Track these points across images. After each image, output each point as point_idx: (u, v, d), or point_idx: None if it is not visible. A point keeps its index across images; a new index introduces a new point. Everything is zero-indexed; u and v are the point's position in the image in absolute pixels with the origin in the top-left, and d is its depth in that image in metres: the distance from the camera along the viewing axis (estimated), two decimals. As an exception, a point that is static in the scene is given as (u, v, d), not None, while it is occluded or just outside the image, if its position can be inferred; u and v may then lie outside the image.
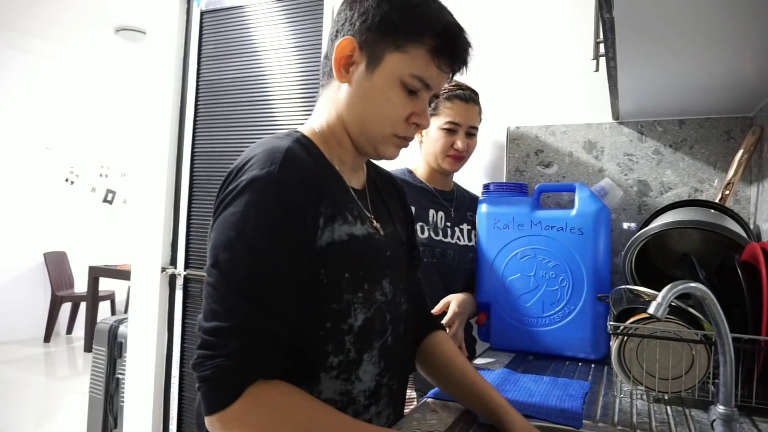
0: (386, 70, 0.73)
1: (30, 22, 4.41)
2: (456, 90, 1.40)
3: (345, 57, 0.74)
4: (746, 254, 1.03)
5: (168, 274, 2.26)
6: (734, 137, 1.46)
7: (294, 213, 0.64)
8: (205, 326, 0.61)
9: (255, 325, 0.60)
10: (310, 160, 0.71)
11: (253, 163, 0.66)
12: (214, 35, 2.27)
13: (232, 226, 0.62)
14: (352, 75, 0.74)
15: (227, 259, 0.61)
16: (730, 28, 0.88)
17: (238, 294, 0.60)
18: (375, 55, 0.73)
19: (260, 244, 0.62)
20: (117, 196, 5.84)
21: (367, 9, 0.73)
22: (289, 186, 0.64)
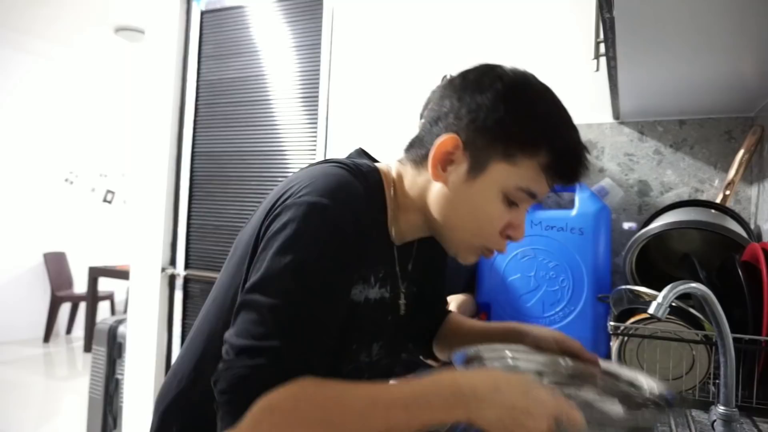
0: (490, 179, 0.64)
1: (30, 22, 4.41)
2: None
3: (445, 154, 0.66)
4: (747, 254, 1.03)
5: (168, 274, 2.26)
6: (735, 137, 1.46)
7: (344, 257, 0.59)
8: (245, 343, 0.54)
9: (297, 352, 0.54)
10: (369, 209, 0.65)
11: (315, 189, 0.60)
12: (214, 35, 2.27)
13: (288, 250, 0.56)
14: (449, 175, 0.66)
15: (287, 286, 0.55)
16: (730, 28, 0.88)
17: (289, 322, 0.54)
18: (479, 160, 0.64)
19: (318, 277, 0.57)
20: (117, 196, 5.84)
21: (479, 106, 0.64)
22: (347, 231, 0.59)
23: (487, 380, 0.53)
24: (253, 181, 2.16)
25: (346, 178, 0.63)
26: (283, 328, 0.53)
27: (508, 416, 0.51)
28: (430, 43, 1.86)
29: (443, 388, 0.53)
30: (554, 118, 0.66)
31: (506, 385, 0.52)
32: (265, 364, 0.51)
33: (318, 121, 2.04)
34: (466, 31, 1.81)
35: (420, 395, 0.52)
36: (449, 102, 0.67)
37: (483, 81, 0.66)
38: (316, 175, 0.62)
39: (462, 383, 0.53)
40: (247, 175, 2.18)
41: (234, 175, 2.20)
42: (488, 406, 0.51)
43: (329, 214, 0.58)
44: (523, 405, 0.51)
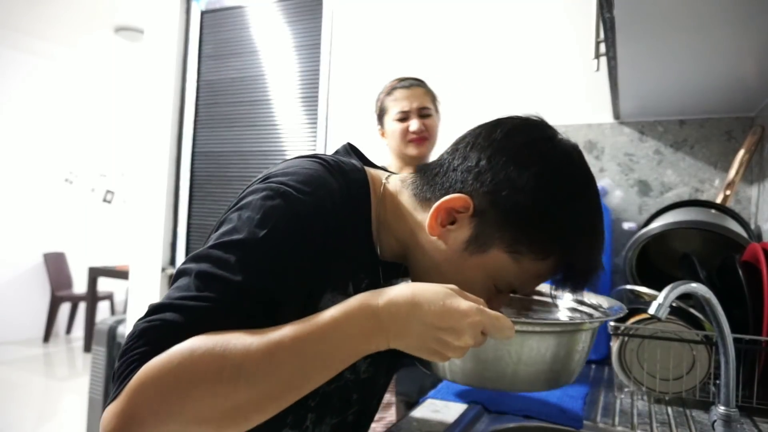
0: (486, 263, 0.58)
1: (30, 22, 4.41)
2: (395, 83, 1.44)
3: (450, 210, 0.58)
4: (747, 254, 1.03)
5: (168, 274, 2.26)
6: (735, 137, 1.46)
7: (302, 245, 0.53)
8: (158, 302, 0.47)
9: (210, 315, 0.47)
10: (345, 209, 0.58)
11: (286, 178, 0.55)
12: (214, 35, 2.27)
13: (240, 228, 0.51)
14: (446, 233, 0.59)
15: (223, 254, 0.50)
16: (730, 28, 0.88)
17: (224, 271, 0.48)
18: (482, 238, 0.57)
19: (267, 247, 0.51)
20: (116, 196, 5.84)
21: (508, 181, 0.56)
22: (309, 221, 0.54)
23: (402, 298, 0.48)
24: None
25: (320, 172, 0.57)
26: (207, 294, 0.47)
27: (429, 337, 0.47)
28: (430, 42, 1.86)
29: (357, 312, 0.47)
30: (580, 229, 0.58)
31: (425, 301, 0.47)
32: (171, 318, 0.45)
33: (318, 121, 2.04)
34: (466, 31, 1.81)
35: (332, 325, 0.46)
36: (477, 157, 0.59)
37: (523, 153, 0.57)
38: (289, 166, 0.58)
39: (376, 306, 0.47)
40: (247, 175, 2.18)
41: (234, 175, 2.20)
42: (407, 328, 0.47)
43: (292, 200, 0.53)
44: (446, 323, 0.46)
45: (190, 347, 0.43)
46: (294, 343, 0.45)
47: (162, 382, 0.42)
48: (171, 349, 0.43)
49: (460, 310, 0.47)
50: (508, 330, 0.48)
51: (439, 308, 0.47)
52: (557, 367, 0.58)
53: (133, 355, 0.43)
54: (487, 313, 0.47)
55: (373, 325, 0.47)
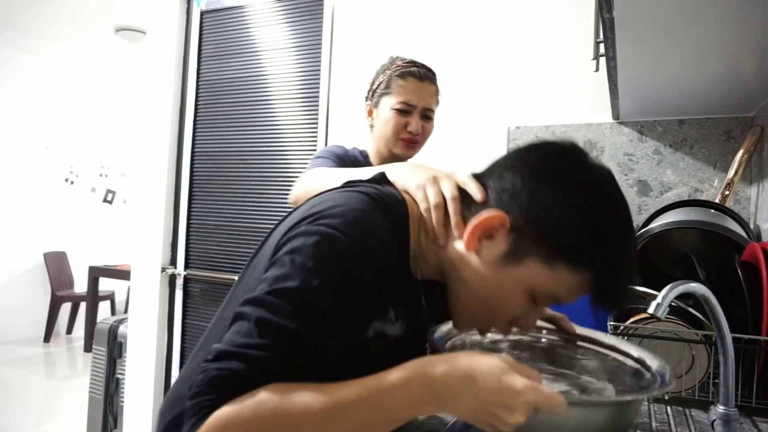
0: (523, 273, 0.60)
1: (30, 22, 4.41)
2: (410, 67, 1.28)
3: (488, 228, 0.61)
4: (746, 254, 1.03)
5: (168, 274, 2.26)
6: (734, 137, 1.46)
7: (354, 294, 0.56)
8: (224, 348, 0.52)
9: (274, 367, 0.51)
10: (391, 246, 0.61)
11: (335, 221, 0.57)
12: (214, 35, 2.27)
13: (294, 275, 0.54)
14: (482, 249, 0.62)
15: (284, 301, 0.53)
16: (730, 28, 0.88)
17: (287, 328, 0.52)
18: (519, 251, 0.60)
19: (323, 299, 0.54)
20: (117, 196, 5.84)
21: (545, 203, 0.59)
22: (359, 268, 0.56)
23: (458, 371, 0.49)
24: (253, 181, 2.16)
25: (369, 211, 0.59)
26: (268, 342, 0.51)
27: (482, 411, 0.49)
28: (430, 42, 1.86)
29: (412, 383, 0.50)
30: (616, 246, 0.60)
31: (480, 376, 0.48)
32: (238, 368, 0.49)
33: (318, 121, 2.04)
34: (466, 31, 1.82)
35: (388, 392, 0.50)
36: (512, 178, 0.61)
37: (559, 175, 0.60)
38: (338, 204, 0.59)
39: (432, 376, 0.49)
40: (247, 175, 2.18)
41: (234, 175, 2.21)
42: (461, 401, 0.49)
43: (342, 248, 0.55)
44: (500, 400, 0.48)
45: (257, 404, 0.48)
46: (351, 407, 0.49)
47: (234, 428, 0.47)
48: (240, 401, 0.48)
49: (514, 389, 0.48)
50: (561, 407, 0.49)
51: (494, 385, 0.48)
52: (614, 429, 0.59)
53: (204, 401, 0.48)
54: (541, 391, 0.48)
55: (428, 394, 0.49)
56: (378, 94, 1.29)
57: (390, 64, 1.30)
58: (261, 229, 2.13)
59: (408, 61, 1.29)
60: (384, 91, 1.28)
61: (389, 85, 1.27)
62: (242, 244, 2.17)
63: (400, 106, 1.25)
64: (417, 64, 1.30)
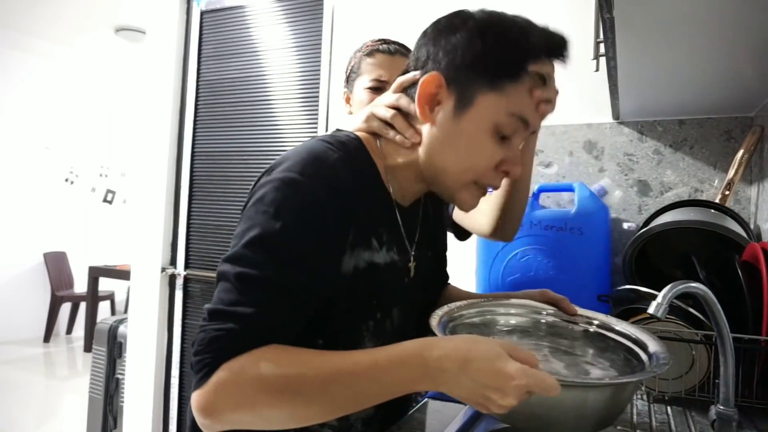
0: (479, 112, 0.64)
1: (31, 22, 4.41)
2: (379, 44, 1.22)
3: (430, 95, 0.65)
4: (746, 254, 1.03)
5: (168, 274, 2.26)
6: (734, 137, 1.46)
7: (321, 228, 0.59)
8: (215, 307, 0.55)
9: (265, 319, 0.55)
10: (350, 175, 0.63)
11: (289, 164, 0.61)
12: (214, 35, 2.27)
13: (260, 223, 0.57)
14: (436, 115, 0.66)
15: (252, 251, 0.56)
16: (730, 28, 0.88)
17: (263, 281, 0.55)
18: (466, 94, 0.64)
19: (289, 244, 0.57)
20: (117, 196, 5.84)
21: (455, 46, 0.64)
22: (320, 202, 0.59)
23: (455, 354, 0.51)
24: (253, 181, 2.16)
25: (320, 148, 0.63)
26: (251, 295, 0.54)
27: (476, 393, 0.51)
28: (430, 43, 1.85)
29: (410, 360, 0.52)
30: (530, 35, 0.66)
31: (475, 359, 0.50)
32: (233, 328, 0.53)
33: (318, 121, 2.04)
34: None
35: (386, 366, 0.53)
36: (425, 50, 0.68)
37: (454, 23, 0.66)
38: (292, 152, 0.64)
39: (428, 357, 0.52)
40: (247, 175, 2.18)
41: (234, 175, 2.20)
42: (456, 383, 0.51)
43: (300, 188, 0.59)
44: (493, 383, 0.49)
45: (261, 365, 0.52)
46: (348, 379, 0.53)
47: (238, 388, 0.52)
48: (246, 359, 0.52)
49: (506, 373, 0.49)
50: (554, 390, 0.50)
51: (487, 368, 0.50)
52: (602, 414, 0.59)
53: (206, 359, 0.53)
54: (534, 375, 0.49)
55: (423, 373, 0.52)
56: (351, 78, 1.25)
57: (360, 47, 1.26)
58: (261, 229, 2.13)
59: (377, 39, 1.25)
60: (356, 73, 1.23)
61: (359, 66, 1.22)
62: (242, 244, 2.16)
63: (371, 83, 1.18)
64: (387, 41, 1.24)
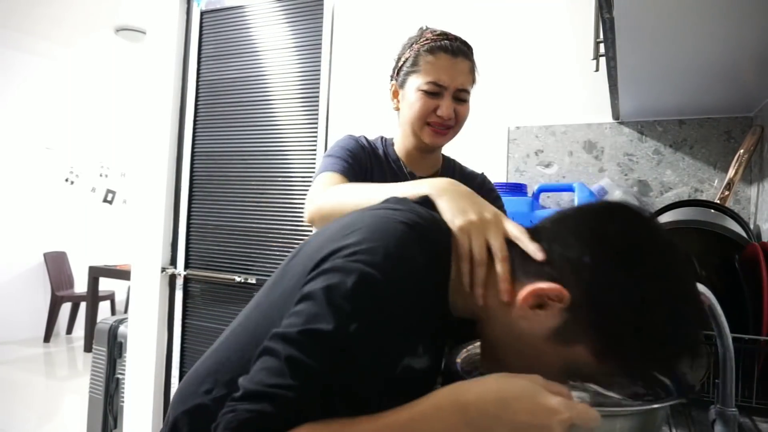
0: (567, 355, 0.58)
1: (31, 22, 4.41)
2: (441, 40, 1.08)
3: (543, 298, 0.56)
4: (746, 254, 1.03)
5: (168, 274, 2.26)
6: (734, 137, 1.46)
7: (390, 341, 0.54)
8: (254, 388, 0.49)
9: (306, 409, 0.49)
10: (430, 285, 0.58)
11: (374, 258, 0.53)
12: (214, 35, 2.27)
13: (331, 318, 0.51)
14: (533, 315, 0.58)
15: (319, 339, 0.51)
16: (729, 28, 0.88)
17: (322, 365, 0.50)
18: (570, 332, 0.56)
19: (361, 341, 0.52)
20: (117, 196, 5.84)
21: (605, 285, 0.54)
22: (397, 315, 0.53)
23: (491, 394, 0.49)
24: (253, 181, 2.16)
25: (408, 247, 0.55)
26: (298, 383, 0.49)
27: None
28: (430, 43, 1.85)
29: (446, 409, 0.49)
30: (682, 351, 0.55)
31: (514, 399, 0.48)
32: (269, 410, 0.47)
33: (318, 121, 2.04)
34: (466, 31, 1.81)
35: (422, 420, 0.49)
36: (580, 249, 0.55)
37: (632, 259, 0.54)
38: (376, 237, 0.56)
39: (465, 402, 0.49)
40: (247, 175, 2.18)
41: (234, 175, 2.21)
42: (496, 425, 0.48)
43: (380, 291, 0.53)
44: (535, 420, 0.47)
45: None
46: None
47: None
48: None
49: (550, 408, 0.47)
50: (596, 421, 0.48)
51: (529, 406, 0.47)
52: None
53: None
54: (575, 407, 0.48)
55: (461, 419, 0.48)
56: (404, 72, 1.10)
57: (418, 37, 1.11)
58: (261, 229, 2.14)
59: (439, 33, 1.09)
60: (411, 68, 1.09)
61: (416, 62, 1.08)
62: (242, 244, 2.17)
63: (428, 87, 1.06)
64: (450, 36, 1.10)
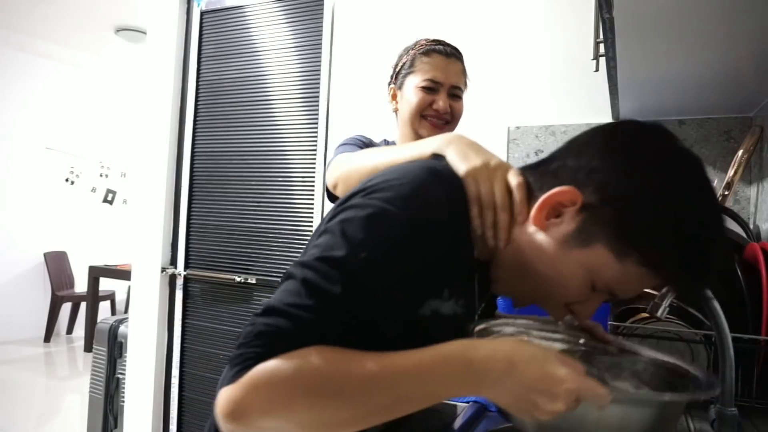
0: (587, 258, 0.57)
1: (31, 23, 4.41)
2: (435, 45, 1.21)
3: (558, 204, 0.57)
4: (746, 254, 1.03)
5: (168, 274, 2.26)
6: (734, 137, 1.46)
7: (404, 275, 0.54)
8: (272, 304, 0.51)
9: (321, 328, 0.50)
10: (449, 222, 0.57)
11: (391, 195, 0.55)
12: (214, 35, 2.27)
13: (344, 246, 0.52)
14: (549, 226, 0.58)
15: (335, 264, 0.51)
16: (729, 28, 0.88)
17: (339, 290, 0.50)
18: (589, 232, 0.56)
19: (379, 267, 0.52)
20: (117, 196, 5.84)
21: (616, 182, 0.55)
22: (412, 249, 0.54)
23: (500, 355, 0.49)
24: (253, 181, 2.16)
25: (428, 186, 0.57)
26: (313, 303, 0.50)
27: (522, 397, 0.48)
28: (430, 43, 1.85)
29: (454, 362, 0.49)
30: (696, 247, 0.54)
31: (522, 362, 0.48)
32: (285, 325, 0.49)
33: (318, 121, 2.04)
34: (466, 31, 1.82)
35: (429, 368, 0.49)
36: (591, 154, 0.57)
37: (641, 155, 0.55)
38: (396, 177, 0.57)
39: (473, 357, 0.49)
40: (247, 175, 2.18)
41: (234, 175, 2.21)
42: (500, 385, 0.49)
43: (394, 225, 0.53)
44: (542, 386, 0.47)
45: (301, 362, 0.47)
46: (391, 378, 0.49)
47: (273, 387, 0.47)
48: (285, 358, 0.47)
49: (557, 376, 0.47)
50: (604, 398, 0.48)
51: (536, 370, 0.48)
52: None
53: (249, 353, 0.48)
54: (585, 380, 0.48)
55: (467, 374, 0.49)
56: (402, 74, 1.22)
57: (414, 45, 1.24)
58: (261, 229, 2.14)
59: (432, 40, 1.23)
60: (408, 70, 1.20)
61: (413, 64, 1.20)
62: (242, 244, 2.17)
63: (425, 83, 1.17)
64: (442, 42, 1.23)
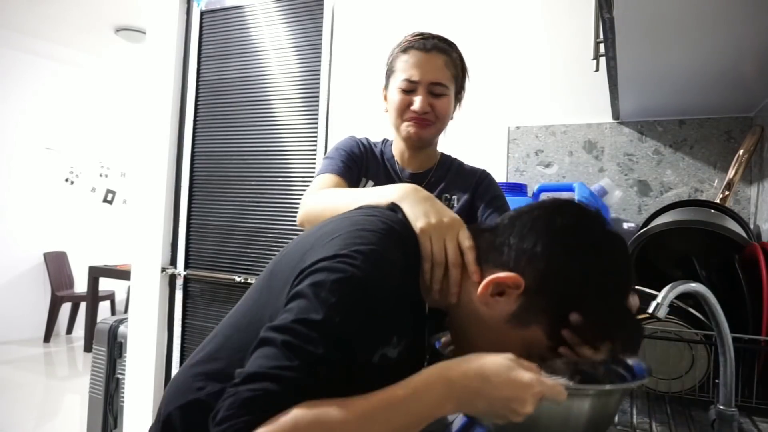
0: (524, 336, 0.64)
1: (31, 23, 4.41)
2: (416, 40, 1.11)
3: (502, 285, 0.63)
4: (746, 254, 1.03)
5: (168, 274, 2.26)
6: (734, 137, 1.46)
7: (371, 329, 0.59)
8: (253, 370, 0.52)
9: (306, 385, 0.52)
10: (404, 278, 0.63)
11: (350, 256, 0.59)
12: (214, 35, 2.27)
13: (320, 309, 0.55)
14: (494, 302, 0.64)
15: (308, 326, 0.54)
16: (729, 28, 0.88)
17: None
18: (526, 316, 0.63)
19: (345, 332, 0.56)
20: (117, 196, 5.84)
21: (556, 273, 0.62)
22: (376, 311, 0.59)
23: (472, 371, 0.55)
24: (253, 181, 2.16)
25: (385, 248, 0.61)
26: (297, 363, 0.52)
27: (498, 405, 0.54)
28: (430, 43, 1.85)
29: (436, 385, 0.55)
30: (624, 328, 0.64)
31: (493, 374, 0.54)
32: (273, 389, 0.50)
33: (318, 121, 2.04)
34: (466, 31, 1.82)
35: (415, 395, 0.54)
36: (534, 241, 0.63)
37: (579, 250, 0.62)
38: (357, 241, 0.61)
39: (451, 377, 0.55)
40: (247, 175, 2.18)
41: (234, 175, 2.21)
42: (478, 398, 0.54)
43: (361, 288, 0.58)
44: (514, 393, 0.53)
45: (294, 420, 0.48)
46: (384, 413, 0.53)
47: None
48: (276, 421, 0.48)
49: (524, 383, 0.54)
50: (562, 396, 0.56)
51: (505, 380, 0.54)
52: (597, 420, 0.65)
53: (238, 423, 0.48)
54: (546, 383, 0.55)
55: (448, 393, 0.54)
56: (387, 76, 1.16)
57: (398, 44, 1.15)
58: (261, 229, 2.14)
59: (416, 34, 1.13)
60: (390, 71, 1.15)
61: (393, 64, 1.14)
62: (242, 244, 2.17)
63: (403, 84, 1.09)
64: (425, 35, 1.12)
